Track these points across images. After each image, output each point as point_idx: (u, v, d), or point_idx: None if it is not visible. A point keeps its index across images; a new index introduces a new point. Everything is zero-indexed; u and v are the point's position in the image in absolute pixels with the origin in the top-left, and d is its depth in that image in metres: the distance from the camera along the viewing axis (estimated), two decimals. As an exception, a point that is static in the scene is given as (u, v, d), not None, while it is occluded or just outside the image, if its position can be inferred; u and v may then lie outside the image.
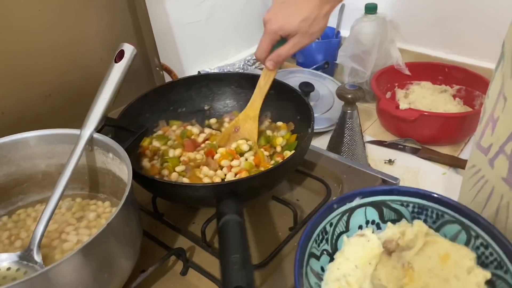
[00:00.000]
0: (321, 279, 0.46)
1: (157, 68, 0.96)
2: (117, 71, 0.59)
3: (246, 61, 1.23)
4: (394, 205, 0.49)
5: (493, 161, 0.51)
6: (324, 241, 0.48)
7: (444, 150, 1.02)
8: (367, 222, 0.51)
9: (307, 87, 1.10)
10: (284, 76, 1.19)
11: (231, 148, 0.69)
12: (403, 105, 0.99)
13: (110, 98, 0.59)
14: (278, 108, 0.76)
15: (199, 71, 1.14)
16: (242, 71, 1.20)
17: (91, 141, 0.57)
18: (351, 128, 0.88)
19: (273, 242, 0.61)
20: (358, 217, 0.49)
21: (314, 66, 1.29)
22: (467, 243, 0.47)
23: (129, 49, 0.60)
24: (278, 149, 0.71)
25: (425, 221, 0.49)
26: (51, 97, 0.79)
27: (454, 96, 1.15)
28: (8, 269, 0.51)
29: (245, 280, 0.41)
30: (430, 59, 1.23)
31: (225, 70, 1.18)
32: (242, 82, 0.80)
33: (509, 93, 0.48)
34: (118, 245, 0.48)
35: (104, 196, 0.63)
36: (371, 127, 1.14)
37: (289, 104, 0.74)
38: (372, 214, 0.50)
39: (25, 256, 0.51)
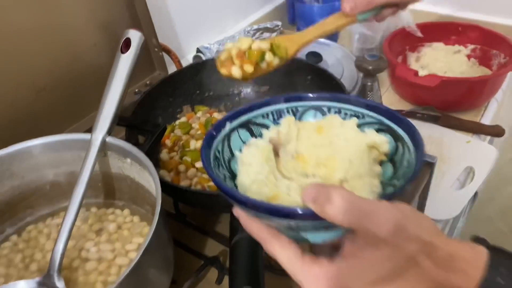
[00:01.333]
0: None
1: (156, 49, 0.87)
2: (125, 63, 0.51)
3: (246, 32, 1.14)
4: (258, 121, 0.47)
5: None
6: (220, 167, 0.44)
7: (464, 116, 0.97)
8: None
9: (315, 58, 1.02)
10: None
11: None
12: (422, 72, 0.93)
13: (121, 95, 0.51)
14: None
15: (197, 48, 1.05)
16: (243, 44, 1.12)
17: (104, 145, 0.50)
18: (372, 102, 0.82)
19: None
20: (235, 141, 0.47)
21: (318, 33, 1.20)
22: None
23: (135, 36, 0.52)
24: None
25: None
26: (45, 92, 0.71)
27: (468, 57, 1.09)
28: (28, 298, 0.45)
29: None
30: (439, 18, 1.15)
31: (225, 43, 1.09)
32: None
33: None
34: (155, 263, 0.42)
35: (122, 203, 0.57)
36: (384, 96, 1.07)
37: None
38: (245, 135, 0.47)
39: (46, 283, 0.45)
